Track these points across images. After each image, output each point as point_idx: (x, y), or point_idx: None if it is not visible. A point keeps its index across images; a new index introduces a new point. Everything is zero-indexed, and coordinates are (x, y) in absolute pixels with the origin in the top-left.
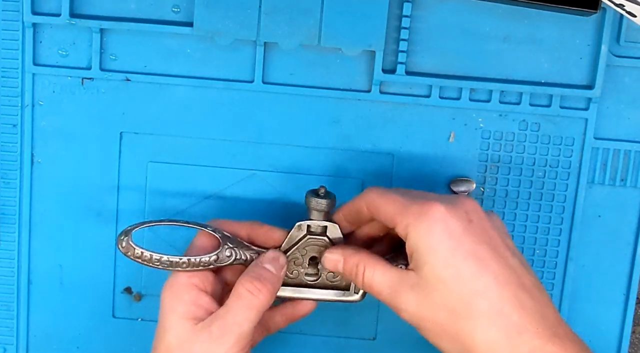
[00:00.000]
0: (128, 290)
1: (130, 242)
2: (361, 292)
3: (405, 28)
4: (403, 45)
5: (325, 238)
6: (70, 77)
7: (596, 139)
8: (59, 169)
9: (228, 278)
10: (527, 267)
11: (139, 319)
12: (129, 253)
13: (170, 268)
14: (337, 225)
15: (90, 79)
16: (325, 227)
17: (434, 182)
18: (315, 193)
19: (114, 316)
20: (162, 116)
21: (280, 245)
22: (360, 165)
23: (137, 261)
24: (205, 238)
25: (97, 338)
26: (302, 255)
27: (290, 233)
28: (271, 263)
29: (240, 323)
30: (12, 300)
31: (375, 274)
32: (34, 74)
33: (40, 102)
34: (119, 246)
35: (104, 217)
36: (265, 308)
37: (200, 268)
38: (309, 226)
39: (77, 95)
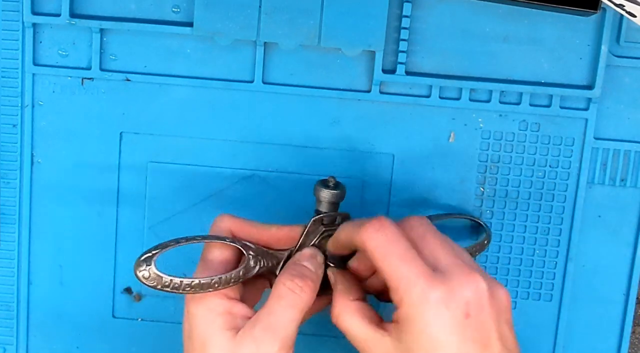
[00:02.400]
0: (128, 290)
1: (157, 271)
2: None
3: (405, 28)
4: (403, 46)
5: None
6: (70, 77)
7: (596, 139)
8: (59, 168)
9: (249, 282)
10: None
11: (139, 319)
12: (155, 284)
13: (202, 291)
14: (348, 214)
15: (90, 79)
16: (337, 217)
17: (434, 182)
18: (324, 184)
19: (114, 316)
20: (162, 116)
21: (298, 243)
22: (360, 165)
23: (165, 290)
24: (221, 250)
25: (97, 338)
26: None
27: (307, 229)
28: (309, 261)
29: (285, 325)
30: (12, 300)
31: (352, 324)
32: (34, 74)
33: (40, 102)
34: (141, 277)
35: (104, 217)
36: (308, 307)
37: (231, 284)
38: (322, 219)
39: (77, 95)
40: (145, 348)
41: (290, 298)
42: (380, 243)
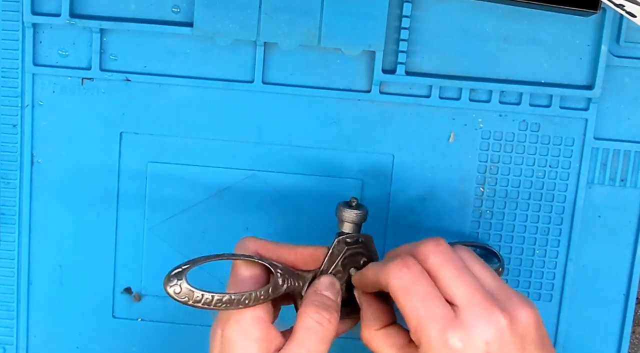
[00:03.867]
0: (128, 290)
1: (189, 286)
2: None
3: (405, 28)
4: (403, 46)
5: (361, 248)
6: (70, 77)
7: (596, 139)
8: (59, 169)
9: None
10: None
11: (139, 319)
12: (186, 299)
13: (233, 308)
14: (370, 236)
15: (90, 79)
16: (360, 238)
17: (434, 182)
18: (347, 204)
19: (113, 316)
20: (162, 116)
21: (322, 264)
22: (360, 165)
23: (195, 306)
24: (249, 268)
25: (97, 338)
26: (342, 271)
27: (331, 250)
28: (329, 290)
29: None
30: (12, 300)
31: (381, 351)
32: (34, 74)
33: (40, 102)
34: (171, 292)
35: (104, 218)
36: (333, 338)
37: (261, 301)
38: (347, 240)
39: (77, 95)
40: (145, 348)
41: (319, 332)
42: (402, 283)
